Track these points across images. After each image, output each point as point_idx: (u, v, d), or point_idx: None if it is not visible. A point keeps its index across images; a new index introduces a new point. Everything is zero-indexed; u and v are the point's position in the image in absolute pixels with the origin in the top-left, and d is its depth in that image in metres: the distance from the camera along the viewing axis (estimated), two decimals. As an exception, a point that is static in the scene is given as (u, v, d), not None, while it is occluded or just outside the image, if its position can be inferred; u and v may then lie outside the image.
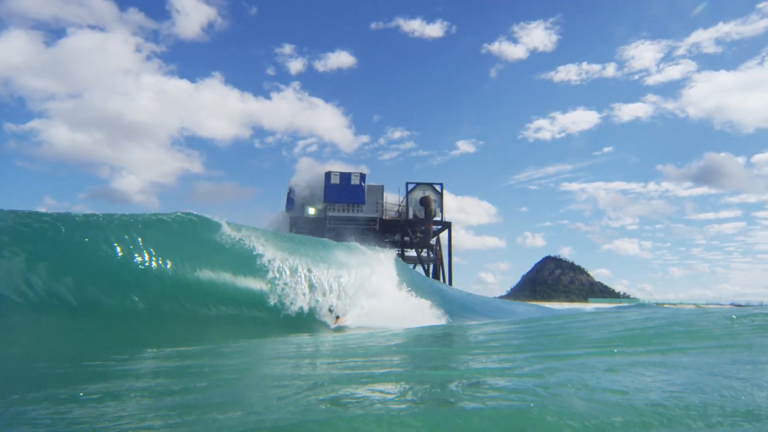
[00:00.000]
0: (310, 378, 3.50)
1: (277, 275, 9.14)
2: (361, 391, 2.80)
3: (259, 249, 9.38)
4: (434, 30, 45.40)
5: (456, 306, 14.89)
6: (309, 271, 9.72)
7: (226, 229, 9.43)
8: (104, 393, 3.04)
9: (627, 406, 2.21)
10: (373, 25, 49.99)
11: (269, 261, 9.25)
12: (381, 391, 2.79)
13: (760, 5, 36.88)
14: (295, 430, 2.11)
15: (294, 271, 9.47)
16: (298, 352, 5.40)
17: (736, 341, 4.15)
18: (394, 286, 11.68)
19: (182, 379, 3.69)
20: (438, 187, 32.20)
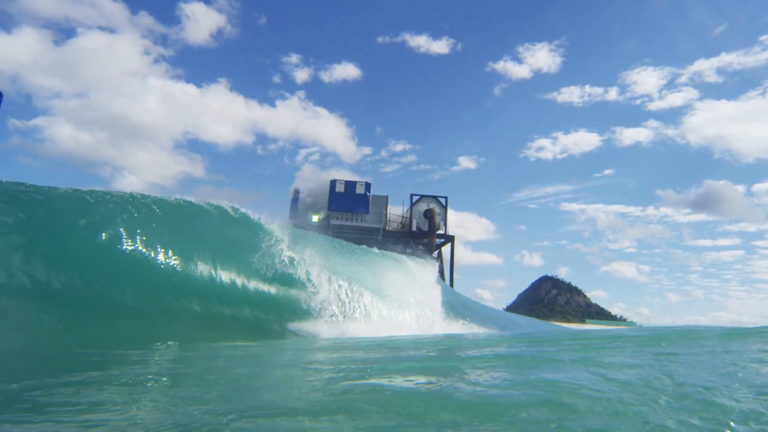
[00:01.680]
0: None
1: (313, 283, 8.83)
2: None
3: (298, 254, 9.18)
4: (440, 46, 46.23)
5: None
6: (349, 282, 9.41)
7: (268, 230, 9.17)
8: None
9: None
10: (379, 39, 50.72)
11: (306, 269, 8.96)
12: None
13: (762, 38, 37.67)
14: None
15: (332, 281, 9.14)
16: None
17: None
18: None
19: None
20: (443, 201, 32.05)
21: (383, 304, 9.83)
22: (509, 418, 2.12)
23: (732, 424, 1.94)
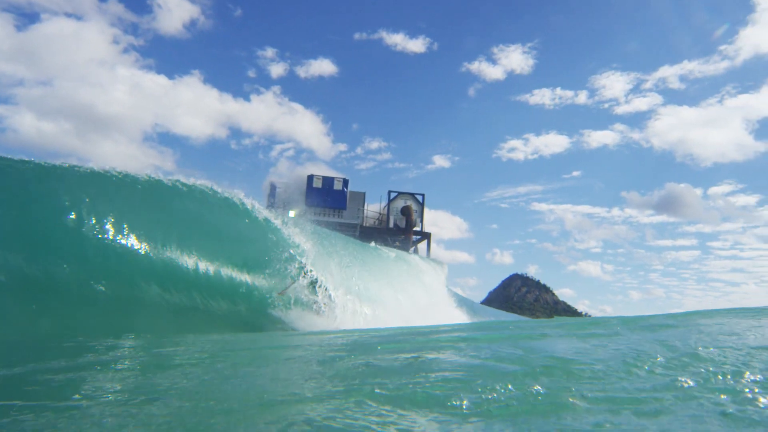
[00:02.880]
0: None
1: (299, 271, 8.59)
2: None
3: (291, 238, 9.03)
4: (416, 45, 46.58)
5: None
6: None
7: (258, 215, 9.04)
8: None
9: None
10: (356, 36, 50.50)
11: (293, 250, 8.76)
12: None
13: (721, 47, 39.74)
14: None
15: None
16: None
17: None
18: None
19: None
20: (419, 198, 32.33)
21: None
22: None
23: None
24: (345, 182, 29.92)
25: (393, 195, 31.78)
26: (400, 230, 30.79)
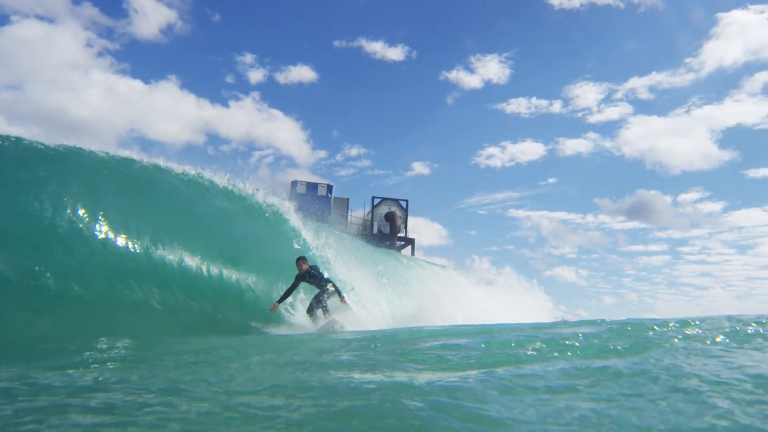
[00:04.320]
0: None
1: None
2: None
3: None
4: (396, 53, 46.95)
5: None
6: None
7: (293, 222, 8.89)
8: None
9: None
10: (336, 43, 50.43)
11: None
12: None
13: (687, 60, 41.26)
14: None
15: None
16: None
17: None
18: None
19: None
20: (403, 204, 32.35)
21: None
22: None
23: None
24: (329, 188, 29.79)
25: (377, 201, 31.73)
26: (385, 236, 30.74)
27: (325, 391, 2.56)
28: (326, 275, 8.34)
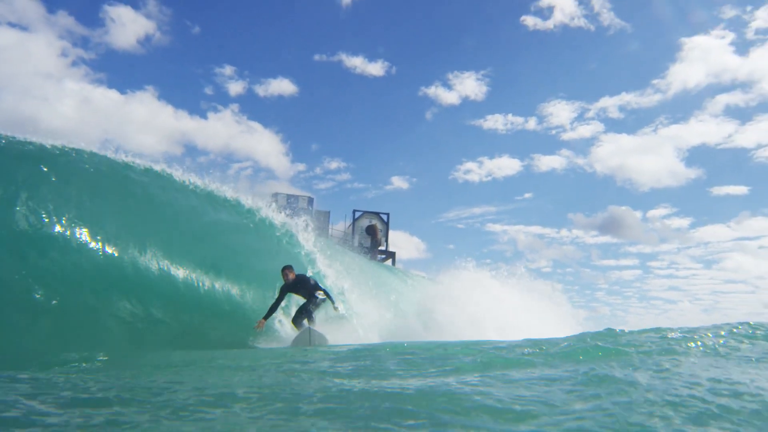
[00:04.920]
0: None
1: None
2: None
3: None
4: (375, 69, 47.55)
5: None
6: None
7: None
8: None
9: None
10: (316, 57, 50.66)
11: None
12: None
13: (654, 81, 43.44)
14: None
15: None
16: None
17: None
18: None
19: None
20: (384, 217, 32.40)
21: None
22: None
23: None
24: (310, 200, 29.67)
25: (358, 214, 31.70)
26: (366, 249, 30.66)
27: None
28: (314, 282, 7.75)
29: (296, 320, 7.50)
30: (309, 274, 8.24)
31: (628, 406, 2.39)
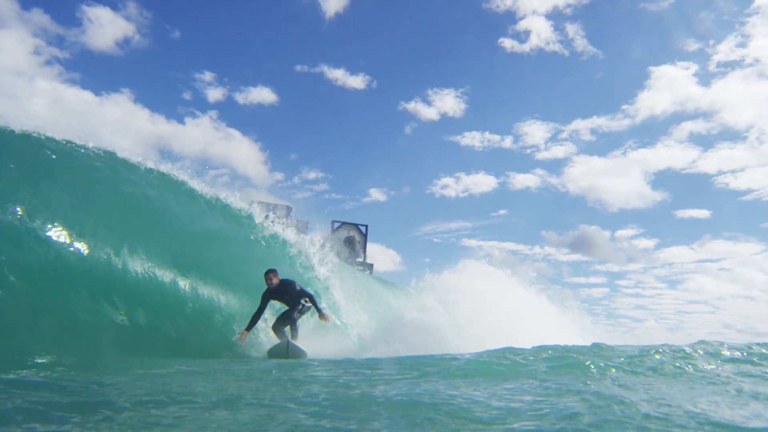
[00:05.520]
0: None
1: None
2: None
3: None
4: (356, 82, 47.74)
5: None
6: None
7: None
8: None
9: None
10: (297, 67, 50.54)
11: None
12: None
13: (624, 106, 45.65)
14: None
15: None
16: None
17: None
18: None
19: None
20: (362, 228, 32.30)
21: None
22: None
23: None
24: (288, 209, 29.26)
25: (336, 225, 31.51)
26: (343, 260, 30.43)
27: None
28: (299, 288, 7.24)
29: (276, 327, 7.13)
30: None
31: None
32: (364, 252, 31.65)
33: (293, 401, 3.01)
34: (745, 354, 5.59)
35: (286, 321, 7.11)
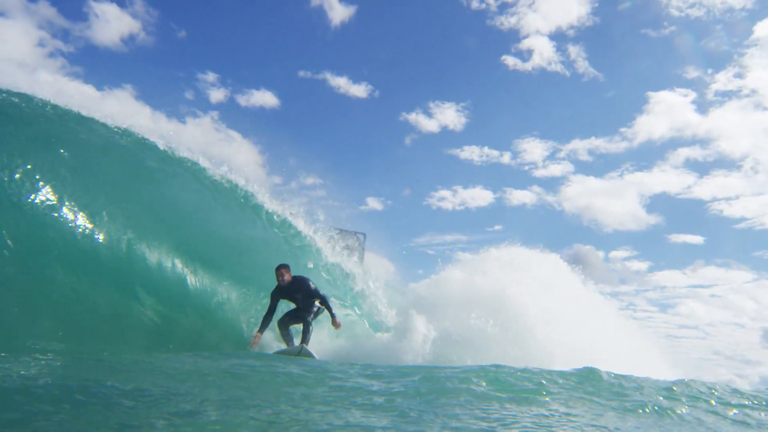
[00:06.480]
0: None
1: None
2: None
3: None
4: (359, 90, 48.38)
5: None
6: None
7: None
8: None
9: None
10: (301, 73, 51.16)
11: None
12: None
13: (622, 129, 46.60)
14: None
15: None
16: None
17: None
18: None
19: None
20: (361, 237, 32.54)
21: None
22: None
23: None
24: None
25: (335, 232, 31.71)
26: (341, 268, 30.65)
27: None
28: (314, 287, 6.76)
29: (283, 325, 6.74)
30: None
31: None
32: (362, 261, 31.88)
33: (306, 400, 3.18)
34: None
35: (295, 320, 6.77)
